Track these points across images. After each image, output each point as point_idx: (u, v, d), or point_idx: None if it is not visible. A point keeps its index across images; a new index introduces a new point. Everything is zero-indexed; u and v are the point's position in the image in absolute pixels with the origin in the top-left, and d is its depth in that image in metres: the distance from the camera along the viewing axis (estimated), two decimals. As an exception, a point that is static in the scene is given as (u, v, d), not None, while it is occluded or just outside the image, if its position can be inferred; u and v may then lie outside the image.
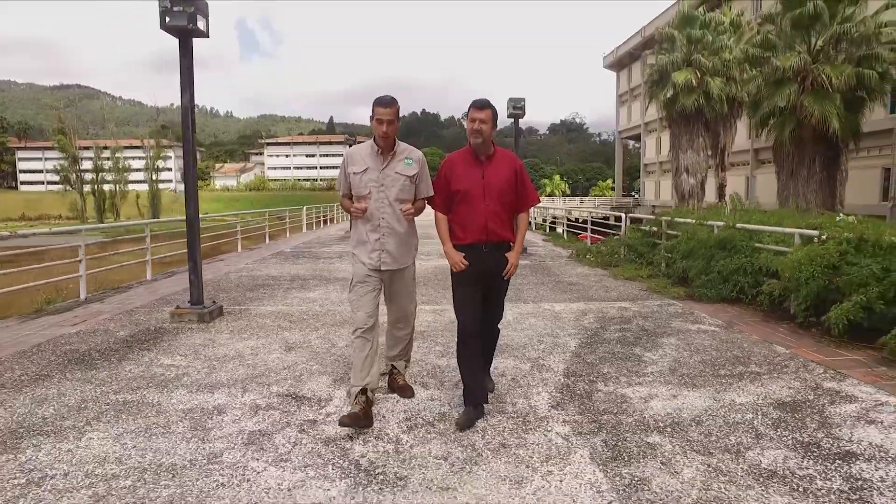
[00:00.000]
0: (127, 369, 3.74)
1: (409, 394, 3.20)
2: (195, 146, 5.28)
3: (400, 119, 2.94)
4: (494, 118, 2.86)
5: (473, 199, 2.84)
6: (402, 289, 3.08)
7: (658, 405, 3.05)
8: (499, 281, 2.93)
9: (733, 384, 3.38)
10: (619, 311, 5.46)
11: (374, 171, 2.92)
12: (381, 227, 2.94)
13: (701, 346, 4.23)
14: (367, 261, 2.95)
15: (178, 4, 4.72)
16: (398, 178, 2.93)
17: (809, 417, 2.86)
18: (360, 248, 2.99)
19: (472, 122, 2.82)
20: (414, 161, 2.99)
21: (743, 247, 5.85)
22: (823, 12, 15.47)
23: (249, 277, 7.94)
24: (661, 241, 7.83)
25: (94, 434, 2.72)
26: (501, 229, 2.86)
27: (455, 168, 2.92)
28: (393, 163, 2.94)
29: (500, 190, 2.85)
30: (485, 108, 2.82)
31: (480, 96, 2.89)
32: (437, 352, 4.11)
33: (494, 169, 2.87)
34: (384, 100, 2.86)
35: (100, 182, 51.90)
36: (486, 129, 2.81)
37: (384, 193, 2.92)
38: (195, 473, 2.34)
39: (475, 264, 2.84)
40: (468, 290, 2.89)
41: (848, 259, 4.23)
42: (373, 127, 2.88)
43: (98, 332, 4.75)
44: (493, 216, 2.83)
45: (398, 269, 3.01)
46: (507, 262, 2.90)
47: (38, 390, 3.33)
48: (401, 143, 3.00)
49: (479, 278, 2.88)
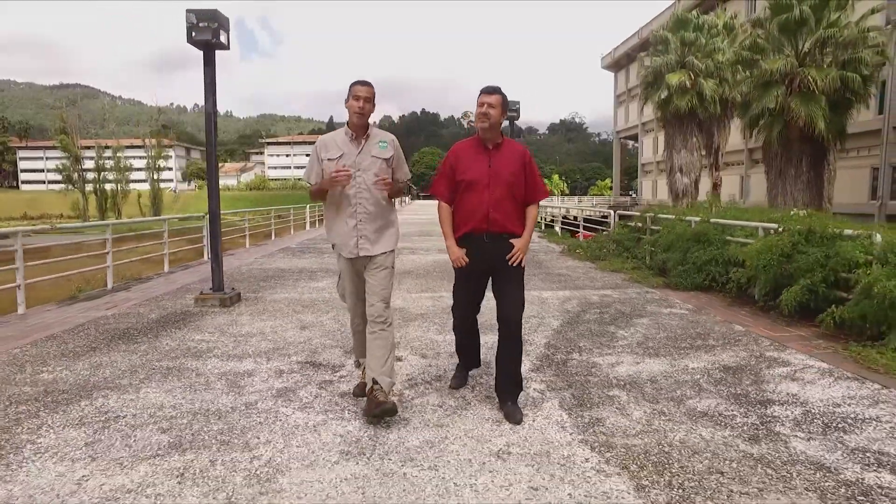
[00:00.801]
0: (164, 343, 4.29)
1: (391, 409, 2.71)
2: (216, 147, 5.82)
3: (374, 106, 2.86)
4: (504, 105, 2.78)
5: (478, 188, 2.77)
6: (379, 278, 2.90)
7: (622, 369, 3.60)
8: (505, 269, 2.80)
9: (690, 354, 3.93)
10: (601, 298, 6.01)
11: (350, 156, 2.85)
12: (359, 212, 2.86)
13: (669, 325, 4.79)
14: (346, 250, 2.90)
15: (203, 21, 5.26)
16: (375, 161, 2.87)
17: (746, 377, 3.41)
18: (338, 238, 2.94)
19: (480, 107, 2.75)
20: (388, 143, 2.93)
21: (715, 240, 6.40)
22: (809, 17, 16.02)
23: (260, 270, 8.49)
24: (645, 236, 8.38)
25: (148, 389, 3.27)
26: (506, 220, 2.78)
27: (461, 157, 2.86)
28: (367, 146, 2.88)
29: (507, 180, 2.77)
30: (494, 92, 2.75)
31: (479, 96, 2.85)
32: (435, 330, 4.65)
33: (501, 158, 2.80)
34: (361, 80, 2.85)
35: (102, 181, 52.20)
36: (494, 113, 2.74)
37: (361, 178, 2.85)
38: (237, 416, 2.88)
39: (476, 256, 2.80)
40: (466, 284, 2.90)
41: (799, 248, 4.78)
42: (348, 108, 2.82)
43: (131, 315, 5.30)
44: (497, 205, 2.75)
45: (376, 256, 2.91)
46: (514, 247, 2.79)
47: (93, 358, 3.87)
48: (374, 127, 2.95)
49: (479, 272, 2.83)
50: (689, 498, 2.05)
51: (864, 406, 2.91)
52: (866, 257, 4.16)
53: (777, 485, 2.13)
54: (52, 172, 73.35)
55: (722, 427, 2.68)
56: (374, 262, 2.93)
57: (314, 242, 13.33)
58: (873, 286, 3.80)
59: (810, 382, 3.29)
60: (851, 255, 4.25)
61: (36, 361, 3.80)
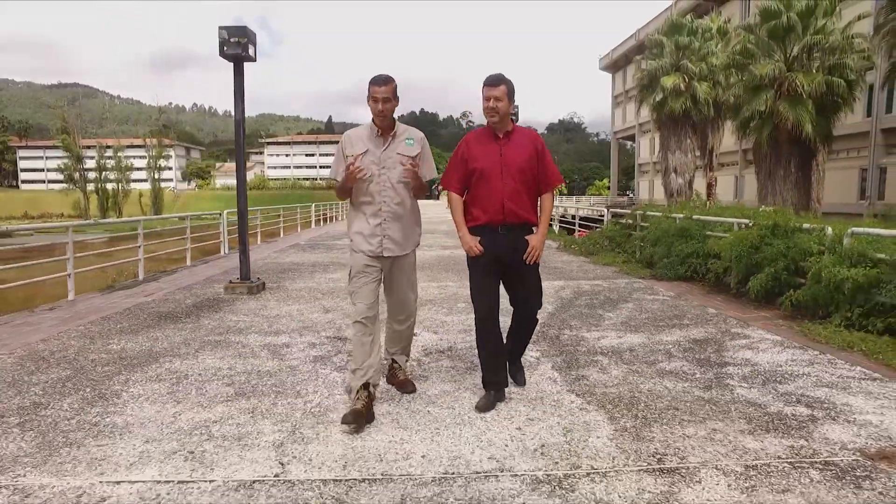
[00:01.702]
0: (206, 323, 4.89)
1: (410, 388, 3.06)
2: (244, 150, 6.41)
3: (398, 99, 2.80)
4: (510, 93, 2.70)
5: (491, 178, 2.70)
6: (402, 278, 2.95)
7: (606, 342, 4.21)
8: (521, 264, 2.79)
9: (665, 330, 4.54)
10: (592, 287, 6.63)
11: (375, 153, 2.78)
12: (383, 211, 2.80)
13: (650, 308, 5.40)
14: (368, 247, 2.82)
15: (234, 36, 5.86)
16: (400, 160, 2.81)
17: (710, 347, 4.03)
18: (358, 236, 2.86)
19: (486, 101, 2.69)
20: (415, 141, 2.86)
21: (697, 234, 7.01)
22: (797, 24, 16.66)
23: (276, 264, 9.09)
24: (634, 232, 9.00)
25: (204, 356, 3.87)
26: (521, 210, 2.73)
27: (472, 146, 2.80)
28: (394, 144, 2.81)
29: (520, 168, 2.72)
30: (498, 83, 2.67)
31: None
32: (443, 312, 5.26)
33: (513, 146, 2.75)
34: (379, 78, 2.75)
35: (103, 181, 52.52)
36: (501, 106, 2.68)
37: (385, 176, 2.79)
38: (284, 375, 3.48)
39: (491, 248, 2.73)
40: (484, 276, 2.79)
41: (765, 241, 5.40)
42: (370, 108, 2.77)
43: (169, 301, 5.90)
44: (512, 195, 2.70)
45: (399, 257, 2.89)
46: (529, 245, 2.76)
47: (148, 334, 4.48)
48: (400, 124, 2.87)
49: (495, 263, 2.77)
50: (648, 424, 2.66)
51: (800, 366, 3.53)
52: (819, 248, 4.79)
53: (717, 415, 2.75)
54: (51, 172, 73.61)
55: (683, 380, 3.29)
56: (397, 263, 2.90)
57: (321, 239, 13.93)
58: (822, 272, 4.42)
59: (763, 351, 3.91)
60: (807, 246, 4.88)
61: (101, 336, 4.40)
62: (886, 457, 2.28)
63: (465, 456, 2.36)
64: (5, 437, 2.54)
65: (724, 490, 2.06)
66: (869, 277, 4.10)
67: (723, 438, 2.49)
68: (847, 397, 2.98)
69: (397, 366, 3.16)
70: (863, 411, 2.78)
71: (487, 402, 2.82)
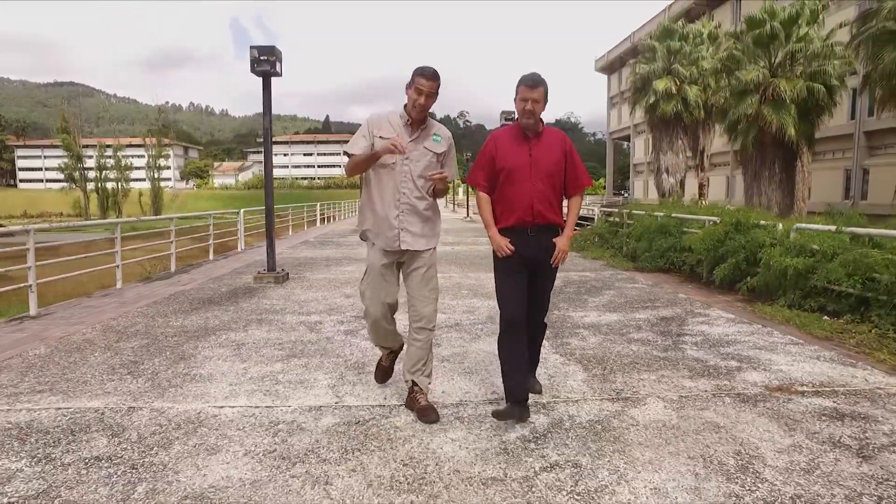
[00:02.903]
0: (244, 306, 5.66)
1: (434, 417, 2.74)
2: (272, 155, 7.18)
3: (436, 99, 2.73)
4: (546, 94, 2.65)
5: (520, 179, 2.65)
6: (422, 279, 2.80)
7: (587, 319, 5.01)
8: (546, 268, 2.75)
9: (639, 310, 5.35)
10: (580, 277, 7.43)
11: (402, 142, 2.65)
12: (401, 202, 2.71)
13: (629, 294, 6.21)
14: (384, 242, 2.73)
15: (263, 55, 6.63)
16: (425, 154, 2.73)
17: (674, 323, 4.83)
18: (374, 229, 2.76)
19: (523, 102, 2.61)
20: (443, 138, 2.79)
21: (674, 231, 7.83)
22: (780, 32, 17.52)
23: (291, 258, 9.86)
24: (621, 229, 9.81)
25: (252, 330, 4.64)
26: (549, 212, 2.68)
27: (501, 145, 2.73)
28: (422, 137, 2.74)
29: (549, 170, 2.68)
30: (538, 85, 2.60)
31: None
32: (449, 297, 6.03)
33: (543, 147, 2.69)
34: (427, 70, 2.66)
35: (103, 180, 52.84)
36: (539, 108, 2.62)
37: (408, 167, 2.70)
38: (323, 342, 4.26)
39: (520, 249, 2.67)
40: (512, 278, 2.70)
41: (730, 235, 6.21)
42: (408, 96, 2.69)
43: (206, 289, 6.67)
44: (541, 197, 2.65)
45: (419, 253, 2.78)
46: (556, 247, 2.70)
47: (199, 314, 5.25)
48: (432, 119, 2.81)
49: (524, 265, 2.71)
50: (613, 373, 3.46)
51: (743, 336, 4.34)
52: (771, 241, 5.59)
53: (667, 367, 3.55)
54: (50, 171, 73.80)
55: (646, 345, 4.09)
56: (416, 261, 2.79)
57: (329, 237, 14.70)
58: (771, 262, 5.23)
59: (716, 325, 4.72)
60: (762, 240, 5.69)
61: (160, 315, 5.18)
62: (781, 388, 3.10)
63: (473, 391, 3.16)
64: (123, 381, 3.32)
65: (661, 409, 2.86)
66: (806, 265, 4.90)
67: (667, 381, 3.30)
68: (771, 355, 3.79)
69: (417, 389, 2.86)
70: (778, 364, 3.59)
71: (509, 413, 2.65)
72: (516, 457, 2.37)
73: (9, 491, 2.09)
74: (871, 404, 2.91)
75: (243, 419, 2.76)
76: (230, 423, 2.72)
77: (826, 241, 5.01)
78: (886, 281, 4.09)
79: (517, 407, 2.65)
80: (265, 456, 2.37)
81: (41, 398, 3.04)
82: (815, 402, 2.94)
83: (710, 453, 2.38)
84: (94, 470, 2.24)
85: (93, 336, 4.40)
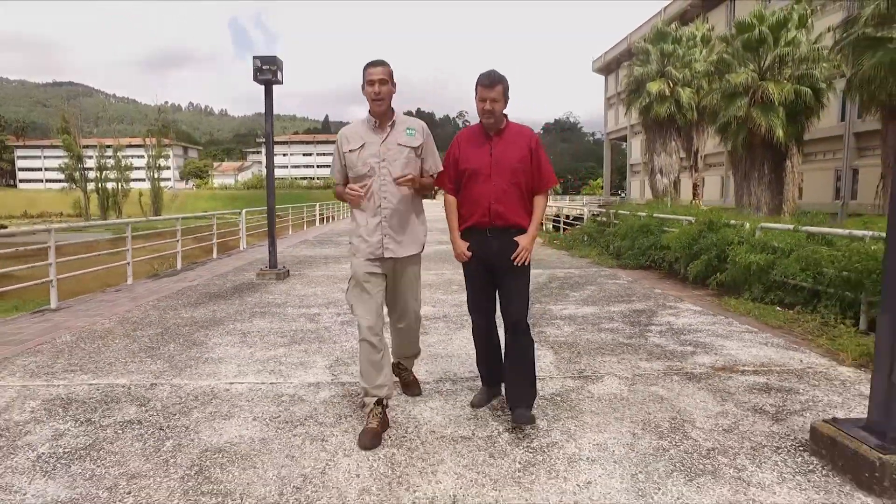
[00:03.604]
0: (248, 300, 6.08)
1: (416, 391, 3.05)
2: (273, 158, 7.59)
3: (395, 84, 2.63)
4: (506, 93, 2.57)
5: (480, 179, 2.60)
6: (405, 286, 2.76)
7: (566, 312, 5.43)
8: (509, 267, 2.62)
9: (615, 304, 5.77)
10: (566, 274, 7.85)
11: (374, 145, 2.60)
12: (384, 208, 2.61)
13: (609, 289, 6.63)
14: (368, 249, 2.63)
15: (266, 65, 7.05)
16: (402, 150, 2.62)
17: (644, 314, 5.25)
18: (358, 238, 2.67)
19: (482, 102, 2.54)
20: (416, 130, 2.68)
21: (655, 230, 8.25)
22: (768, 37, 17.95)
23: (291, 257, 10.27)
24: (608, 229, 10.24)
25: (257, 321, 5.06)
26: (510, 213, 2.60)
27: (463, 146, 2.69)
28: (393, 133, 2.63)
29: (511, 169, 2.59)
30: (495, 84, 2.53)
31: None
32: (440, 293, 6.45)
33: (505, 146, 2.62)
34: (373, 61, 2.61)
35: (103, 180, 53.09)
36: (497, 107, 2.55)
37: (387, 169, 2.60)
38: (322, 332, 4.68)
39: (479, 251, 2.65)
40: (478, 283, 2.74)
41: (703, 234, 6.63)
42: (365, 95, 2.59)
43: (212, 285, 7.08)
44: (501, 197, 2.59)
45: (403, 259, 2.70)
46: (518, 246, 2.61)
47: (206, 307, 5.67)
48: (400, 113, 2.71)
49: (486, 268, 2.67)
50: (580, 356, 3.87)
51: (705, 325, 4.76)
52: (739, 239, 6.02)
53: (629, 352, 3.97)
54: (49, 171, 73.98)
55: (614, 333, 4.52)
56: (401, 267, 2.72)
57: (328, 236, 15.12)
58: (737, 258, 5.65)
59: (683, 316, 5.14)
60: (731, 238, 6.11)
61: (170, 308, 5.59)
62: (725, 368, 3.52)
63: (454, 370, 3.59)
64: (144, 363, 3.74)
65: (616, 385, 3.28)
66: (767, 261, 5.32)
67: (626, 363, 3.72)
68: (725, 342, 4.21)
69: (402, 367, 3.06)
70: (729, 349, 4.02)
71: (481, 398, 2.93)
72: (484, 421, 2.79)
73: (63, 444, 2.52)
74: (797, 380, 3.33)
75: (251, 392, 3.18)
76: (240, 395, 3.14)
77: (785, 239, 5.43)
78: (831, 275, 4.51)
79: (489, 390, 2.97)
80: (271, 420, 2.79)
81: (74, 376, 3.46)
82: (752, 379, 3.36)
83: (650, 418, 2.80)
84: (128, 430, 2.66)
85: (111, 326, 4.82)
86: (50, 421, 2.78)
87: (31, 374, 3.52)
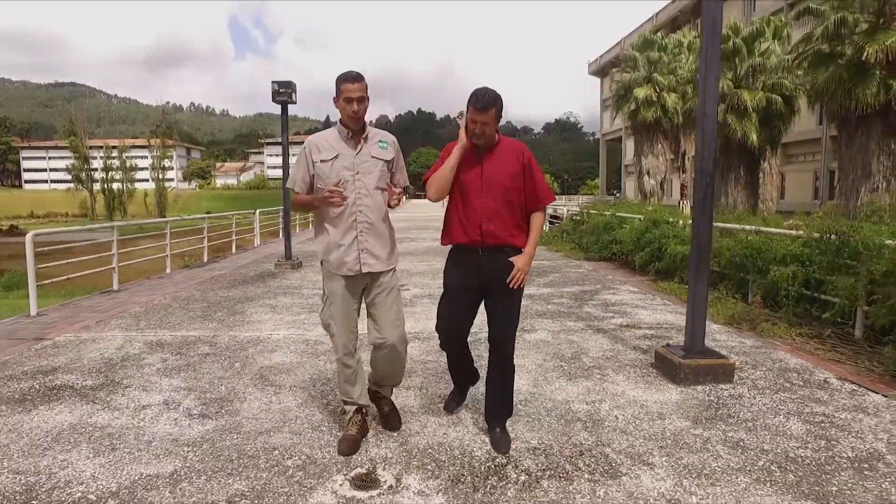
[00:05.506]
0: (271, 284, 7.40)
1: (396, 424, 2.79)
2: (289, 161, 8.89)
3: (369, 100, 2.57)
4: (499, 114, 2.50)
5: (470, 196, 2.54)
6: (387, 303, 2.65)
7: (527, 291, 6.71)
8: (502, 289, 2.55)
9: (568, 286, 7.08)
10: (537, 265, 9.17)
11: (348, 157, 2.55)
12: (359, 221, 2.55)
13: (569, 275, 7.95)
14: (344, 266, 2.56)
15: (283, 88, 8.37)
16: (376, 163, 2.59)
17: (588, 294, 6.56)
18: (332, 253, 2.58)
19: (473, 124, 2.48)
20: (389, 143, 2.65)
21: (616, 227, 9.57)
22: (742, 47, 19.25)
23: (301, 251, 11.54)
24: (581, 226, 11.56)
25: (280, 298, 6.37)
26: (503, 232, 2.53)
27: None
28: (367, 146, 2.59)
29: (503, 186, 2.53)
30: (488, 108, 2.45)
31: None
32: (429, 278, 7.76)
33: (496, 162, 2.55)
34: (350, 74, 2.51)
35: (110, 181, 53.76)
36: (489, 130, 2.50)
37: (361, 182, 2.55)
38: (332, 306, 5.99)
39: (472, 271, 2.57)
40: (455, 297, 2.64)
41: (648, 230, 7.94)
42: (340, 109, 2.52)
43: (238, 274, 8.41)
44: (491, 216, 2.51)
45: (381, 274, 2.63)
46: (513, 267, 2.52)
47: (237, 289, 6.99)
48: (371, 127, 2.66)
49: (471, 286, 2.60)
50: (525, 318, 5.18)
51: (632, 300, 6.07)
52: (673, 233, 7.33)
53: (564, 317, 5.29)
54: (54, 172, 75.13)
55: (559, 306, 5.83)
56: (378, 283, 2.64)
57: (332, 234, 16.43)
58: (668, 249, 6.96)
59: (619, 294, 6.45)
60: (667, 233, 7.42)
61: (210, 290, 6.92)
62: (629, 325, 4.85)
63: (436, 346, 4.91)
64: (203, 323, 5.06)
65: (544, 334, 4.60)
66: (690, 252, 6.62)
67: (558, 323, 5.03)
68: (640, 311, 5.53)
69: (381, 395, 2.85)
70: (640, 315, 5.34)
71: (457, 401, 3.02)
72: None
73: (169, 363, 3.86)
74: (676, 333, 4.64)
75: (286, 339, 4.51)
76: (278, 341, 4.46)
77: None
78: (725, 260, 5.82)
79: (462, 391, 3.03)
80: (301, 354, 4.11)
81: (157, 331, 4.79)
82: (643, 332, 4.68)
83: (559, 352, 4.12)
84: (208, 358, 3.99)
85: (168, 302, 6.15)
86: (155, 353, 4.12)
87: (126, 329, 4.86)
